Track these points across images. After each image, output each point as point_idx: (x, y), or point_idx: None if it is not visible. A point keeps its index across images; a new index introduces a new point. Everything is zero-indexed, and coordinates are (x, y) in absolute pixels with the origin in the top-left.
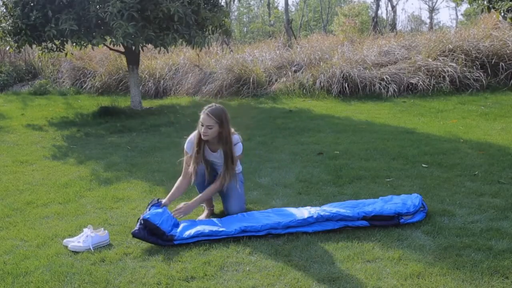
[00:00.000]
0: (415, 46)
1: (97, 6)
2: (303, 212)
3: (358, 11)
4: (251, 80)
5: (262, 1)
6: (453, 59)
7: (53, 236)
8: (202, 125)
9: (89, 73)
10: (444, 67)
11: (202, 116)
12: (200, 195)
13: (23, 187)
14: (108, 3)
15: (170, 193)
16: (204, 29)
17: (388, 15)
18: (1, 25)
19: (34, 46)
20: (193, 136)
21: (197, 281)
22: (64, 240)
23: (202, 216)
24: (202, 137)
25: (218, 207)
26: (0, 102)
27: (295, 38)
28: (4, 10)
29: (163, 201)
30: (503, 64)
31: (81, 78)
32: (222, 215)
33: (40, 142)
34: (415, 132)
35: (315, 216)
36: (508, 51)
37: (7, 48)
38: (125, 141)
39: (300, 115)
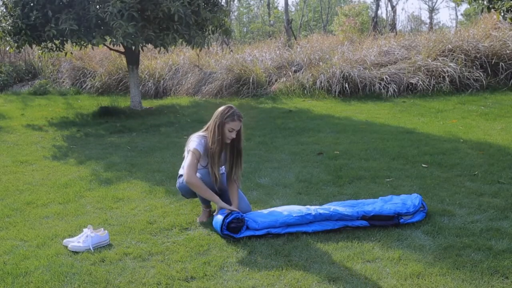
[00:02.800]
0: (415, 46)
1: (97, 6)
2: (301, 210)
3: (358, 11)
4: (251, 80)
5: (262, 1)
6: (453, 59)
7: (53, 236)
8: (231, 131)
9: (89, 73)
10: (444, 67)
11: (232, 123)
12: (235, 201)
13: (23, 187)
14: (108, 3)
15: (214, 195)
16: (204, 29)
17: (388, 15)
18: (1, 25)
19: (34, 46)
20: (201, 137)
21: (197, 281)
22: (64, 240)
23: (202, 218)
24: (227, 141)
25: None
26: (0, 102)
27: (295, 38)
28: (4, 10)
29: (222, 205)
30: (503, 64)
31: (81, 78)
32: None
33: (40, 142)
34: (415, 132)
35: (313, 214)
36: (508, 51)
37: (7, 48)
38: (125, 141)
39: (300, 115)
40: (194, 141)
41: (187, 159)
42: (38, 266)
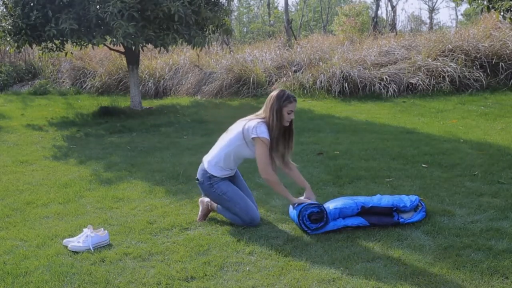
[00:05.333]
0: (415, 46)
1: (97, 6)
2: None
3: (358, 11)
4: (251, 80)
5: (262, 1)
6: (453, 59)
7: (53, 236)
8: (289, 113)
9: (89, 73)
10: (444, 67)
11: (290, 105)
12: (306, 183)
13: (23, 187)
14: (109, 3)
15: (288, 192)
16: (205, 29)
17: (388, 15)
18: (1, 25)
19: (34, 46)
20: (265, 124)
21: (197, 281)
22: (64, 240)
23: (202, 217)
24: (286, 124)
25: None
26: (0, 102)
27: (295, 38)
28: (4, 10)
29: (297, 201)
30: (503, 64)
31: (81, 78)
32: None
33: (40, 142)
34: (415, 132)
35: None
36: (508, 51)
37: (7, 48)
38: (125, 141)
39: (300, 115)
40: (259, 128)
41: (261, 152)
42: (38, 266)
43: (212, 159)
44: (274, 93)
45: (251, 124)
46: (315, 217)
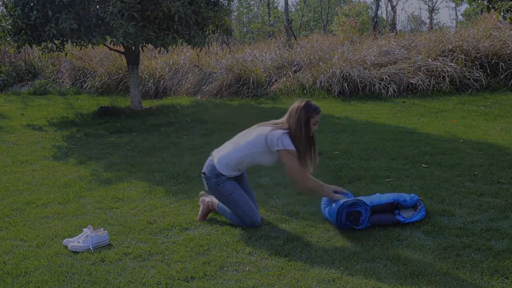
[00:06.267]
0: (415, 46)
1: (97, 6)
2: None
3: (358, 11)
4: (251, 80)
5: (262, 1)
6: (453, 59)
7: (53, 236)
8: (315, 124)
9: (89, 73)
10: (444, 67)
11: (317, 116)
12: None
13: (23, 187)
14: (108, 3)
15: (330, 191)
16: (205, 29)
17: (388, 15)
18: (1, 25)
19: (34, 46)
20: (288, 135)
21: (197, 281)
22: (64, 240)
23: (201, 217)
24: (310, 134)
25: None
26: (0, 102)
27: (295, 38)
28: (4, 10)
29: (336, 198)
30: (502, 64)
31: (81, 78)
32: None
33: (40, 142)
34: (415, 132)
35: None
36: (508, 51)
37: (7, 48)
38: (125, 141)
39: None
40: (284, 140)
41: (292, 164)
42: (38, 266)
43: (224, 158)
44: (300, 104)
45: (275, 135)
46: (353, 217)
